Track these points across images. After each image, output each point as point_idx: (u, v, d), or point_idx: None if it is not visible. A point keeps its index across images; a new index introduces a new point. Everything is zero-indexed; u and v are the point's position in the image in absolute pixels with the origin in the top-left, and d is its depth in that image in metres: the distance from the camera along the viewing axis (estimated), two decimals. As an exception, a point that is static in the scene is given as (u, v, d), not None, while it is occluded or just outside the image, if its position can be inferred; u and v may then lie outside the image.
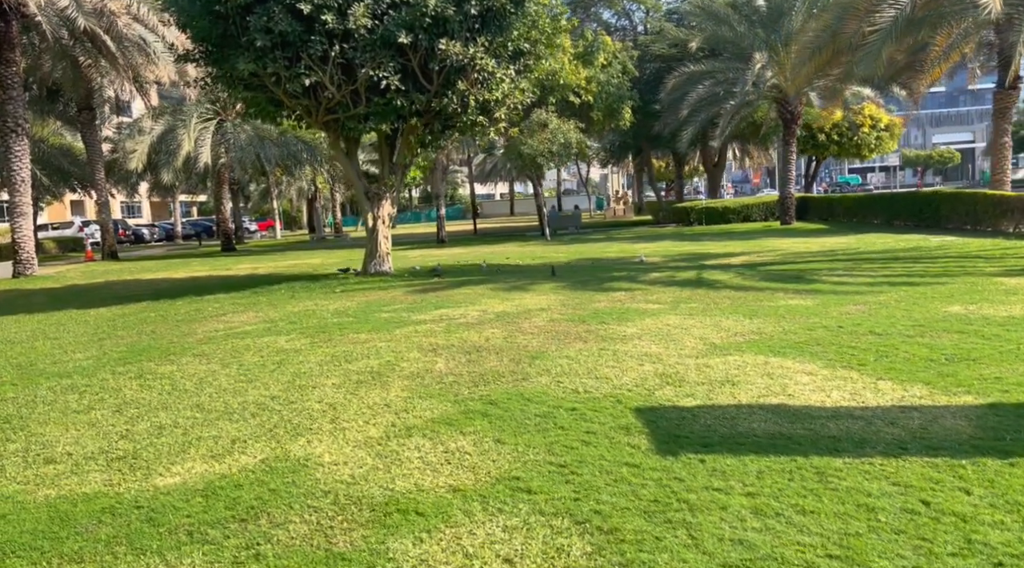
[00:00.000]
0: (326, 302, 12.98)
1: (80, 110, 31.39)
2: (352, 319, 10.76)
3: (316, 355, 8.25)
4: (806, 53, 15.69)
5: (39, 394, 7.29)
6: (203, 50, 15.30)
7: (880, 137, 38.60)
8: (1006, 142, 24.12)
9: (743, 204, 35.41)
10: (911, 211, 24.62)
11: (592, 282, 13.65)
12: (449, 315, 10.59)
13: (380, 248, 16.82)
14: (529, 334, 8.69)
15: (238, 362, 8.16)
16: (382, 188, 16.73)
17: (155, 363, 8.47)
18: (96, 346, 10.07)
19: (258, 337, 9.74)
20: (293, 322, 10.86)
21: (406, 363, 7.51)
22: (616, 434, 4.84)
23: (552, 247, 25.30)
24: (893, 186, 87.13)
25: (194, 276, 21.38)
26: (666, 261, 17.21)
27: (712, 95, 28.86)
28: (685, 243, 23.27)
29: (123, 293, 17.61)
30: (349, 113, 15.05)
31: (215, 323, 11.46)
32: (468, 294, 12.79)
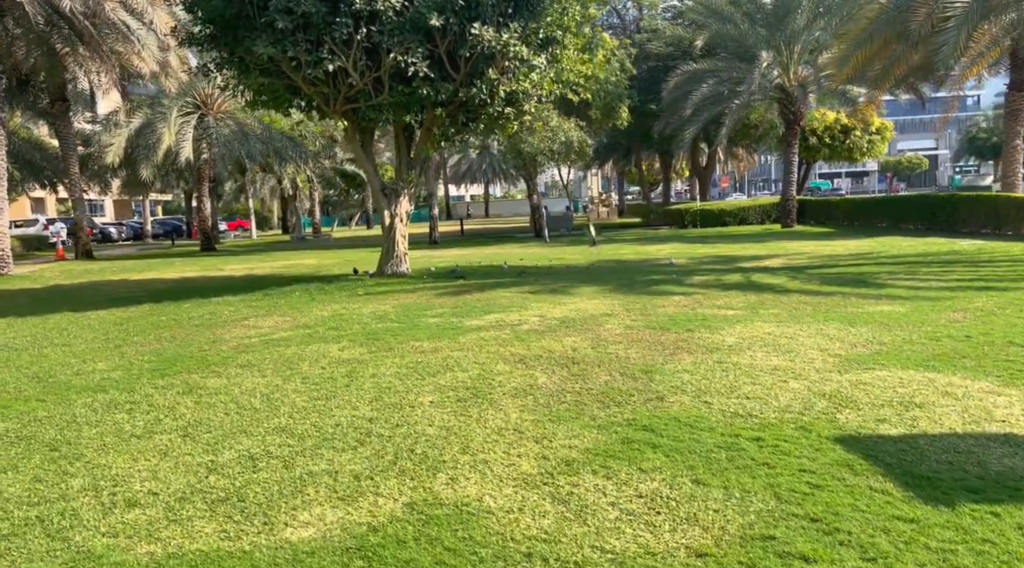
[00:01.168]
0: (355, 305, 11.99)
1: (53, 101, 29.74)
2: (399, 325, 9.81)
3: (386, 366, 7.31)
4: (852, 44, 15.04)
5: (77, 413, 6.26)
6: (210, 33, 14.22)
7: (872, 141, 38.46)
8: (1018, 145, 23.88)
9: (739, 206, 34.98)
10: (922, 214, 24.27)
11: (635, 285, 12.85)
12: (505, 320, 9.70)
13: (398, 248, 15.84)
14: (616, 343, 7.85)
15: (298, 374, 7.19)
16: (400, 184, 15.75)
17: (199, 375, 7.46)
18: (116, 354, 9.00)
19: (303, 345, 8.76)
20: (333, 327, 9.88)
21: (500, 377, 6.61)
22: (843, 473, 4.02)
23: (556, 249, 24.48)
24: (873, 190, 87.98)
25: (186, 277, 20.15)
26: (696, 264, 16.48)
27: (716, 94, 28.29)
28: (697, 245, 22.60)
29: (115, 295, 16.39)
30: (371, 102, 14.06)
31: (240, 329, 10.43)
32: (510, 297, 11.90)
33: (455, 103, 14.61)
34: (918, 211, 24.68)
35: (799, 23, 27.30)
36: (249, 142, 32.35)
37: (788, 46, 27.87)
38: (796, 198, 30.21)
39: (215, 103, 34.04)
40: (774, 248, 19.93)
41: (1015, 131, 23.86)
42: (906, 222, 25.14)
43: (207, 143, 32.35)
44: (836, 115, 38.40)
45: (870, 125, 38.29)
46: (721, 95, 28.37)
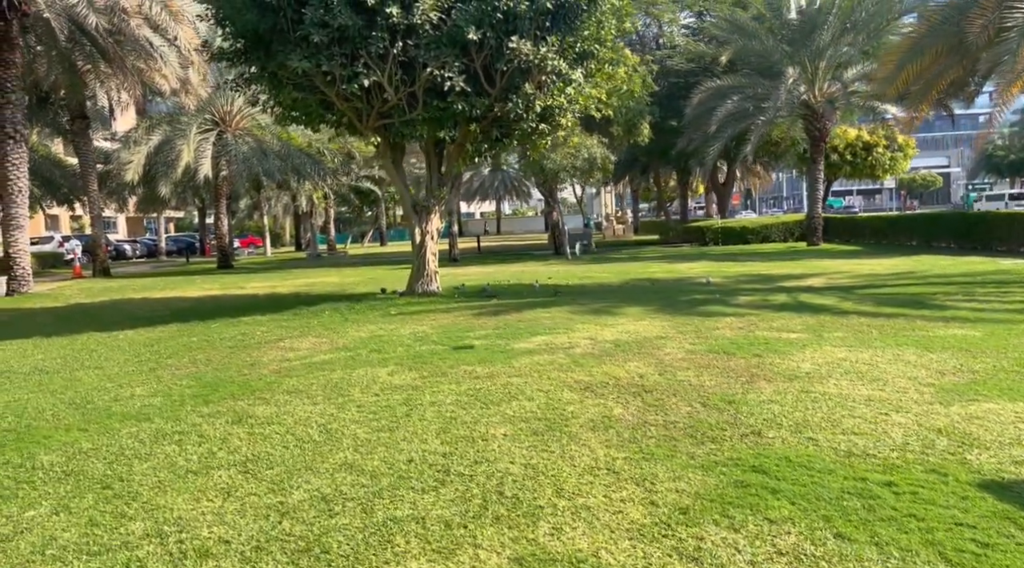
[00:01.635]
0: (392, 326, 11.59)
1: (73, 119, 29.72)
2: (443, 347, 9.41)
3: (443, 393, 6.89)
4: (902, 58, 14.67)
5: (124, 444, 5.87)
6: (241, 48, 13.97)
7: (894, 158, 38.03)
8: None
9: (762, 224, 34.55)
10: (955, 232, 23.78)
11: (679, 306, 12.42)
12: (555, 343, 9.29)
13: (428, 266, 15.47)
14: (683, 369, 7.42)
15: (352, 402, 6.78)
16: (431, 201, 15.40)
17: (245, 402, 7.06)
18: (152, 378, 8.62)
19: (348, 368, 8.36)
20: (375, 350, 9.48)
21: (571, 407, 6.19)
22: (1008, 529, 3.58)
23: (582, 267, 24.08)
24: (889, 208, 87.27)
25: (209, 295, 19.83)
26: (734, 283, 16.04)
27: (741, 110, 27.96)
28: (726, 264, 22.17)
29: (139, 313, 16.06)
30: (404, 117, 13.74)
31: (276, 350, 10.05)
32: (552, 318, 11.49)
33: (489, 118, 14.30)
34: (951, 229, 24.20)
35: (825, 39, 26.97)
36: (268, 159, 32.17)
37: (813, 62, 27.53)
38: (822, 216, 29.70)
39: (233, 120, 33.93)
40: (808, 267, 19.49)
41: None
42: (938, 240, 24.66)
43: (226, 160, 32.20)
44: (858, 132, 38.05)
45: (893, 141, 37.86)
46: (746, 111, 28.03)
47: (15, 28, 21.00)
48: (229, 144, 32.39)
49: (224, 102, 33.27)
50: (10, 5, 19.63)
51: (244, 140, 32.93)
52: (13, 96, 20.83)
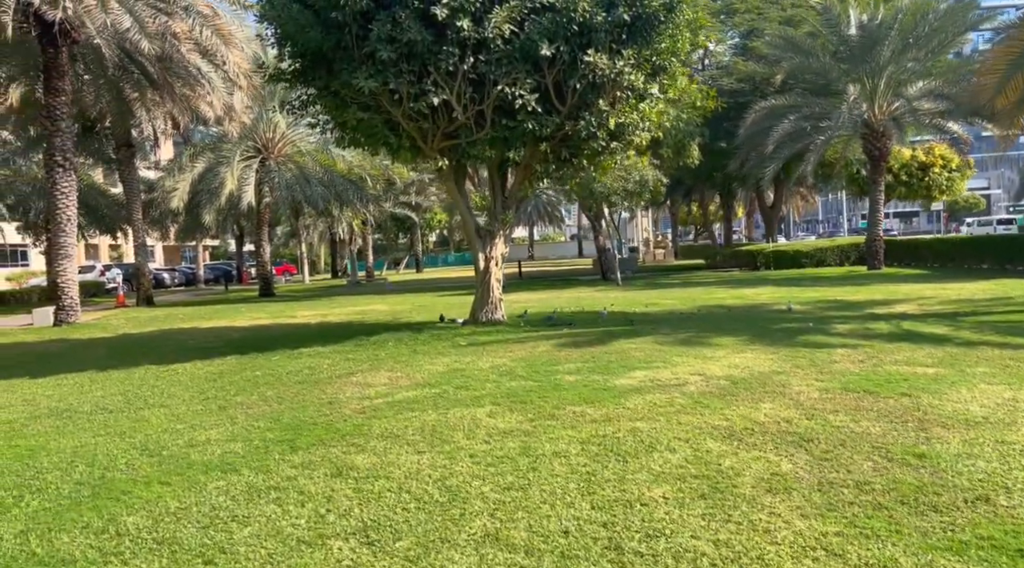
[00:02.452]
0: (467, 358, 10.81)
1: (119, 147, 29.63)
2: (535, 383, 8.58)
3: (563, 441, 6.06)
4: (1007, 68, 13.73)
5: (215, 503, 5.11)
6: (300, 68, 13.43)
7: (951, 178, 36.78)
8: None
9: (816, 247, 33.45)
10: None
11: (774, 335, 11.50)
12: (659, 379, 8.42)
13: (493, 293, 14.70)
14: (830, 412, 6.53)
15: (462, 451, 5.98)
16: (495, 225, 14.68)
17: (338, 449, 6.29)
18: (224, 418, 7.90)
19: (441, 409, 7.56)
20: (461, 386, 8.69)
21: (724, 460, 5.33)
22: None
23: (637, 293, 23.19)
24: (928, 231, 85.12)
25: (259, 324, 19.24)
26: (817, 310, 15.07)
27: (798, 130, 27.06)
28: (794, 289, 21.16)
29: (192, 344, 15.48)
30: (471, 137, 13.06)
31: (352, 386, 9.30)
32: (641, 349, 10.62)
33: (557, 137, 13.58)
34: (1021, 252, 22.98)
35: (886, 55, 26.04)
36: (311, 186, 31.81)
37: (873, 79, 26.58)
38: (883, 238, 28.55)
39: (275, 147, 33.71)
40: (887, 292, 18.44)
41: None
42: (1013, 263, 23.42)
43: (268, 187, 31.91)
44: (912, 152, 36.89)
45: (949, 162, 36.65)
46: (803, 131, 27.12)
47: (64, 56, 20.80)
48: (272, 171, 32.12)
49: (266, 128, 33.09)
50: (62, 31, 19.41)
51: (287, 167, 32.64)
52: (63, 124, 20.58)
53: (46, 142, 21.27)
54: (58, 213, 20.51)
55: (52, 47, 20.40)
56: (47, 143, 20.88)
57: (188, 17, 20.57)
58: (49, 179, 20.71)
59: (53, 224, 20.77)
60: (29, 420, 8.50)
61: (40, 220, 33.03)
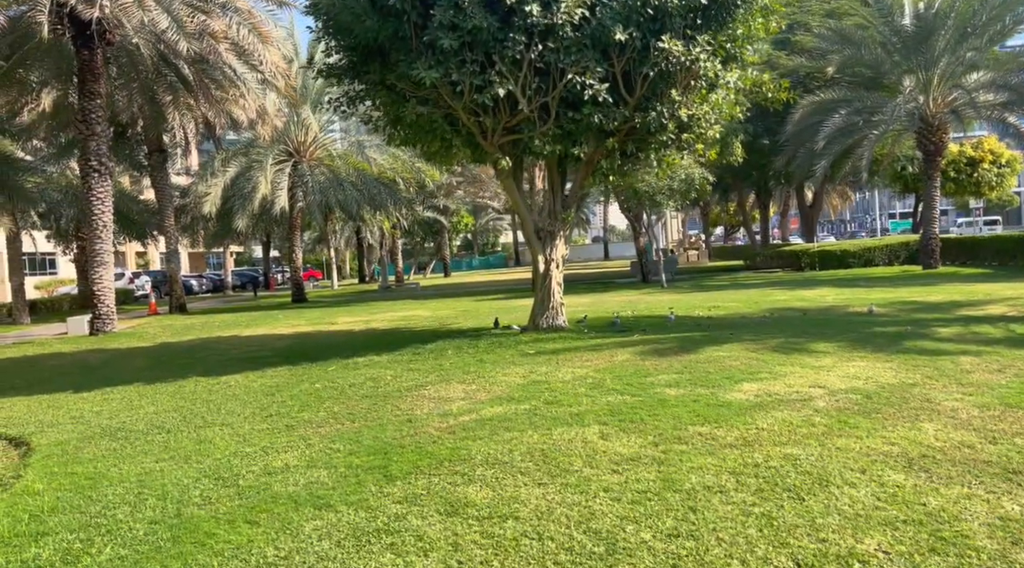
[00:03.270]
0: (543, 368, 9.97)
1: (151, 152, 29.16)
2: (634, 398, 7.73)
3: (708, 472, 5.22)
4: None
5: (320, 551, 4.32)
6: (352, 61, 12.71)
7: (1001, 173, 35.46)
8: None
9: (863, 247, 32.29)
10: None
11: (877, 341, 10.56)
12: (776, 393, 7.55)
13: (554, 297, 13.86)
14: (1017, 434, 5.63)
15: (592, 484, 5.15)
16: (555, 224, 13.85)
17: (442, 479, 5.49)
18: (296, 439, 7.13)
19: (539, 428, 6.74)
20: (550, 401, 7.86)
21: (926, 499, 4.45)
22: None
23: (688, 295, 22.26)
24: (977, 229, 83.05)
25: (301, 332, 18.53)
26: (902, 312, 14.10)
27: (850, 125, 26.00)
28: (858, 290, 20.17)
29: (237, 354, 14.78)
30: (534, 132, 12.24)
31: (425, 401, 8.51)
32: (735, 357, 9.74)
33: (623, 131, 12.74)
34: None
35: (941, 45, 24.95)
36: (344, 189, 31.17)
37: (928, 70, 25.48)
38: (939, 237, 27.39)
39: (307, 150, 33.15)
40: (965, 292, 17.41)
41: None
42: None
43: (302, 191, 31.32)
44: (960, 147, 35.62)
45: (999, 157, 35.36)
46: (855, 126, 26.06)
47: (99, 58, 20.27)
48: (304, 174, 31.53)
49: (298, 131, 32.52)
50: (98, 32, 18.85)
51: (320, 170, 32.05)
52: (99, 128, 20.04)
53: (80, 147, 20.74)
54: (94, 219, 19.95)
55: (87, 49, 19.87)
56: (82, 148, 20.34)
57: (225, 15, 19.97)
58: (85, 184, 20.16)
59: (88, 230, 20.22)
60: (82, 442, 7.78)
61: (71, 228, 32.67)
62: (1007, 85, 24.01)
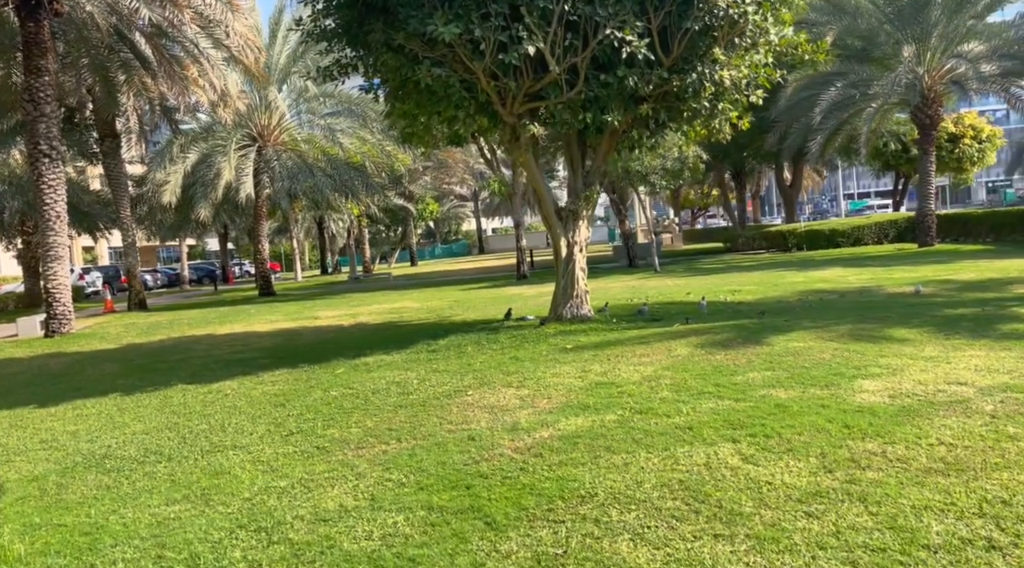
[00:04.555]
0: (597, 366, 8.65)
1: (103, 138, 26.92)
2: (740, 404, 6.45)
3: (948, 515, 3.95)
4: None
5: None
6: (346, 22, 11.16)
7: (983, 149, 35.11)
8: None
9: (852, 225, 31.61)
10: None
11: (964, 324, 9.46)
12: (908, 391, 6.35)
13: (578, 285, 12.53)
14: None
15: (789, 534, 3.85)
16: (578, 204, 12.49)
17: (570, 528, 4.14)
18: (339, 467, 5.72)
19: (655, 449, 5.41)
20: (638, 410, 6.53)
21: None
22: None
23: (689, 280, 21.20)
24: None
25: (285, 329, 16.90)
26: (950, 292, 13.11)
27: (846, 98, 25.09)
28: (864, 269, 19.29)
29: (220, 355, 13.17)
30: (561, 98, 10.84)
31: (475, 410, 7.15)
32: (816, 347, 8.52)
33: (654, 96, 11.42)
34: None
35: (935, 13, 24.14)
36: (314, 174, 29.35)
37: (924, 41, 24.67)
38: (935, 213, 26.73)
39: (272, 134, 31.22)
40: (994, 269, 16.57)
41: None
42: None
43: (268, 177, 29.43)
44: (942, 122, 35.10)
45: (980, 133, 35.00)
46: (852, 99, 25.17)
47: (46, 30, 18.23)
48: (270, 160, 29.63)
49: (262, 115, 30.56)
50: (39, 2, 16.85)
51: (287, 155, 30.17)
52: (47, 108, 18.03)
53: (28, 130, 18.70)
54: (46, 209, 17.97)
55: (32, 20, 17.84)
56: (29, 130, 18.31)
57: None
58: (34, 171, 18.15)
59: (41, 222, 18.23)
60: (64, 476, 6.24)
61: (15, 220, 30.27)
62: (1010, 54, 23.27)
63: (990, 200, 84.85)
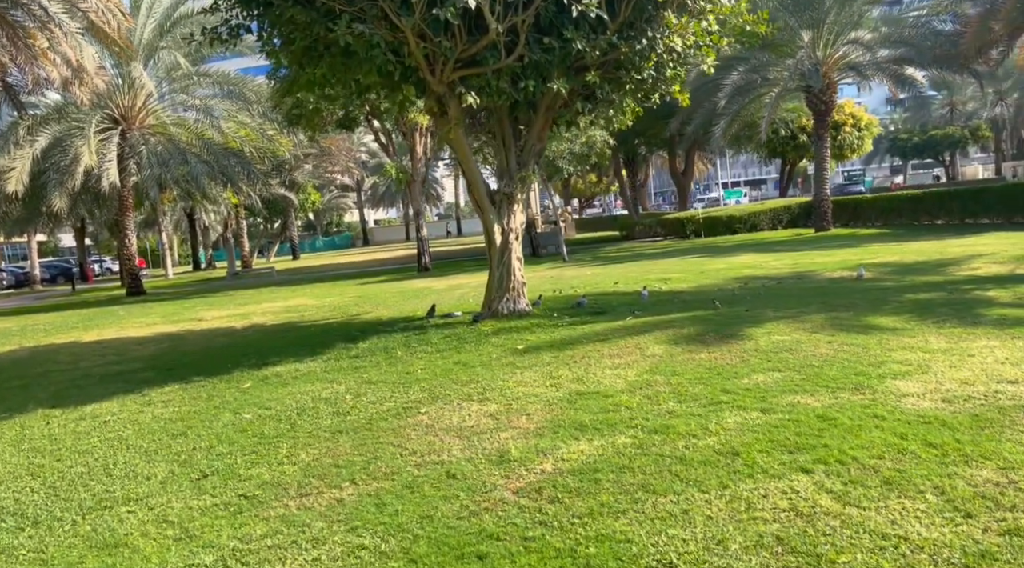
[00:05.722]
0: (566, 371, 7.41)
1: (-68, 118, 23.32)
2: (772, 416, 5.38)
3: None
4: None
5: None
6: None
7: (862, 136, 36.32)
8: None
9: (749, 211, 31.84)
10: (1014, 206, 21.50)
11: (940, 311, 8.82)
12: (947, 394, 5.48)
13: (515, 276, 11.24)
14: None
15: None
16: (514, 186, 11.18)
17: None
18: (280, 524, 4.28)
19: (705, 484, 4.23)
20: (652, 429, 5.34)
21: None
22: None
23: (606, 268, 20.41)
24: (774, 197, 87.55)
25: (166, 334, 14.75)
26: (891, 276, 12.71)
27: (748, 83, 24.95)
28: (772, 255, 19.01)
29: (92, 368, 11.08)
30: (500, 64, 9.49)
31: (438, 434, 5.82)
32: (807, 342, 7.61)
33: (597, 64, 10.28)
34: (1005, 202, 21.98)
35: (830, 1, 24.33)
36: (188, 160, 26.60)
37: (818, 27, 24.84)
38: (831, 198, 27.15)
39: (137, 117, 28.12)
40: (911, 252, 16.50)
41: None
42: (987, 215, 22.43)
43: (135, 163, 26.46)
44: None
45: (859, 121, 36.18)
46: (754, 84, 25.07)
47: None
48: (136, 145, 26.63)
49: (125, 94, 27.46)
50: None
51: (156, 139, 27.25)
52: None
53: None
54: None
55: None
56: None
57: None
58: None
59: None
60: None
61: None
62: (901, 40, 23.71)
63: (839, 187, 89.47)
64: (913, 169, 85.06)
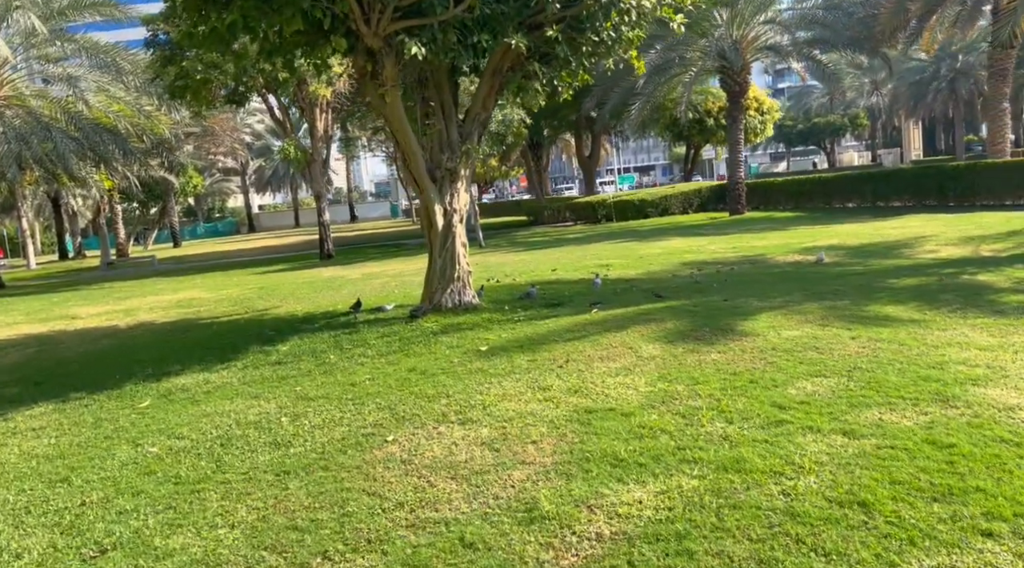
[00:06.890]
0: (553, 380, 6.11)
1: None
2: (865, 441, 4.28)
3: None
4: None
5: None
6: None
7: (764, 121, 36.57)
8: (1006, 108, 22.15)
9: (660, 195, 31.35)
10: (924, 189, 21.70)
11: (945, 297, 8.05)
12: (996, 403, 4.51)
13: (460, 264, 9.80)
14: None
15: None
16: (458, 160, 9.72)
17: None
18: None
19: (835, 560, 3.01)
20: (721, 465, 4.13)
21: None
22: None
23: (531, 254, 19.29)
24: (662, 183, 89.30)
25: (33, 336, 12.50)
26: (854, 260, 12.05)
27: (666, 63, 24.23)
28: (699, 239, 18.36)
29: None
30: (447, 15, 8.01)
31: (424, 473, 4.46)
32: (827, 338, 6.60)
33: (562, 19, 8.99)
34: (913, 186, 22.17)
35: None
36: (53, 137, 23.53)
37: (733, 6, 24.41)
38: (744, 182, 26.94)
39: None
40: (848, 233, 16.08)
41: (1002, 93, 22.09)
42: (899, 198, 22.61)
43: (-10, 138, 23.16)
44: (729, 95, 36.11)
45: (762, 105, 36.40)
46: (671, 64, 24.37)
47: None
48: (-5, 116, 23.33)
49: (-24, 60, 24.02)
50: None
51: (13, 113, 23.98)
52: None
53: None
54: None
55: None
56: None
57: None
58: None
59: None
60: None
61: None
62: (817, 20, 23.56)
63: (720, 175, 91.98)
64: (794, 156, 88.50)
